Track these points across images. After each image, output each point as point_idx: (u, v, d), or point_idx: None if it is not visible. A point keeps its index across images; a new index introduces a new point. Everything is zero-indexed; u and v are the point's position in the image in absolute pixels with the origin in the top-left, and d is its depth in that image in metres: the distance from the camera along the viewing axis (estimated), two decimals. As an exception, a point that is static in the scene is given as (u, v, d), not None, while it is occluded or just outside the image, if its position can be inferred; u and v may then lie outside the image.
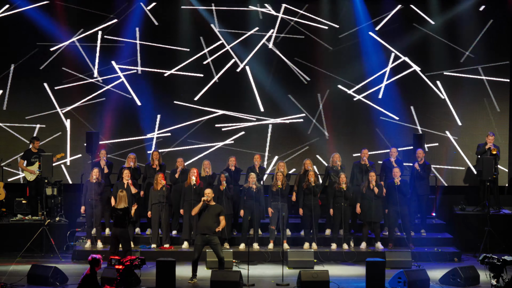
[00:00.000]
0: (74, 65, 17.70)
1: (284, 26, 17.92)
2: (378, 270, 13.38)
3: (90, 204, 15.47)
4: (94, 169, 15.70)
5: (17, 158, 17.24)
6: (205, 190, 13.99)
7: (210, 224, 13.70)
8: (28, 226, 16.00)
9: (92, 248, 15.53)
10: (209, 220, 13.71)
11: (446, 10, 17.95)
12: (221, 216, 13.83)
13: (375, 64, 18.03)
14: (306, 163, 16.21)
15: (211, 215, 13.73)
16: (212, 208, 13.80)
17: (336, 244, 15.84)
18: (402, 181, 15.77)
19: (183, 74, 17.85)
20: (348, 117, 18.11)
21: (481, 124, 18.03)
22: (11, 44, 17.60)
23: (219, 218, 13.78)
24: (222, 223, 13.82)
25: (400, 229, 15.98)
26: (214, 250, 13.79)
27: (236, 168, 16.21)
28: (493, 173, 16.22)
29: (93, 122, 17.69)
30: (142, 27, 17.77)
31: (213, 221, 13.71)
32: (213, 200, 13.92)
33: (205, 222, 13.71)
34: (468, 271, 13.74)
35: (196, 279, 13.71)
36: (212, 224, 13.70)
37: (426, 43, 18.03)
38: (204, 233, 13.68)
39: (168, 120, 17.86)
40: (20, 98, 17.71)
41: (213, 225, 13.71)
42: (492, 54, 18.00)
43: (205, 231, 13.69)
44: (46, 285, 13.34)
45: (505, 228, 16.38)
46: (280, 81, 17.97)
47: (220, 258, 13.74)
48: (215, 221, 13.74)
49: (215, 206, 13.90)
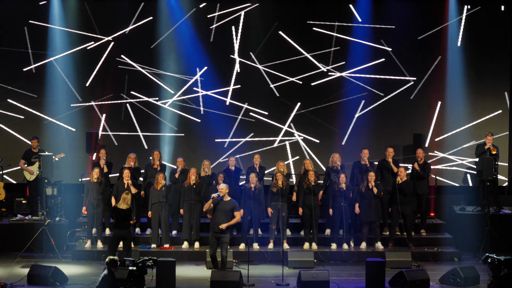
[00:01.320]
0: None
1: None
2: (378, 270, 13.39)
3: (92, 204, 15.47)
4: (94, 169, 15.71)
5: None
6: (220, 186, 13.93)
7: (221, 220, 13.66)
8: (28, 226, 15.99)
9: (92, 248, 15.53)
10: (220, 216, 13.65)
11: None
12: (236, 211, 13.75)
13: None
14: (306, 163, 16.21)
15: (224, 211, 13.66)
16: (225, 204, 13.72)
17: (336, 244, 15.84)
18: (405, 181, 15.77)
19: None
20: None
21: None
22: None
23: (233, 213, 13.72)
24: (235, 218, 13.72)
25: (401, 229, 15.99)
26: (220, 248, 13.76)
27: (236, 168, 16.21)
28: (493, 173, 16.22)
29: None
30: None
31: (225, 217, 13.63)
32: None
33: (217, 219, 13.67)
34: (468, 271, 13.73)
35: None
36: (224, 220, 13.64)
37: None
38: (215, 231, 13.67)
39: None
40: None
41: (224, 222, 13.66)
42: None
43: (215, 228, 13.68)
44: (46, 285, 13.33)
45: (505, 228, 16.37)
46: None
47: (222, 257, 13.73)
48: (229, 216, 13.67)
49: (229, 201, 13.79)
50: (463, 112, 18.08)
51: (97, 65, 17.80)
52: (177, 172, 15.98)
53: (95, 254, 15.34)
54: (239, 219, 13.88)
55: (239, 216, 13.82)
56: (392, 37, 18.02)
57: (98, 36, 17.78)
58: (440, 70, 18.08)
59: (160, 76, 17.92)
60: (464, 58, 17.99)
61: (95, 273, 14.10)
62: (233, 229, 16.02)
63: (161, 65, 17.88)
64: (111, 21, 17.83)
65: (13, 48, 17.64)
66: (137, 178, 16.29)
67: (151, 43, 17.83)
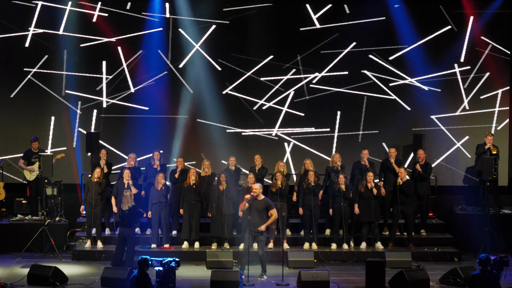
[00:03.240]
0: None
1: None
2: (378, 270, 13.39)
3: (91, 204, 15.47)
4: (95, 169, 15.72)
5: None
6: (254, 185, 14.00)
7: (256, 220, 13.72)
8: (28, 226, 16.00)
9: (92, 248, 15.53)
10: (255, 215, 13.75)
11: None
12: (271, 210, 13.82)
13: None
14: (306, 163, 16.21)
15: (258, 211, 13.76)
16: (259, 203, 13.81)
17: (336, 244, 15.84)
18: (406, 182, 15.77)
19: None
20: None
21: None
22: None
23: (268, 212, 13.79)
24: (272, 217, 13.80)
25: (401, 229, 15.99)
26: (258, 246, 13.87)
27: (236, 168, 16.21)
28: (493, 173, 16.22)
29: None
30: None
31: (259, 216, 13.73)
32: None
33: (253, 219, 13.76)
34: (468, 271, 13.72)
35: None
36: (258, 219, 13.71)
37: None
38: (252, 230, 13.79)
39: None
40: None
41: (260, 221, 13.71)
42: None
43: (252, 227, 13.79)
44: (46, 285, 13.34)
45: (505, 228, 16.37)
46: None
47: (259, 255, 13.84)
48: (264, 215, 13.76)
49: (262, 200, 13.89)
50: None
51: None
52: (177, 172, 15.99)
53: (95, 254, 15.34)
54: (276, 216, 13.97)
55: (275, 214, 13.92)
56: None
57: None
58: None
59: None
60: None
61: (95, 273, 14.10)
62: (233, 229, 16.04)
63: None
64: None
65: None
66: (137, 178, 16.26)
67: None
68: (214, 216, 15.68)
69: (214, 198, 15.64)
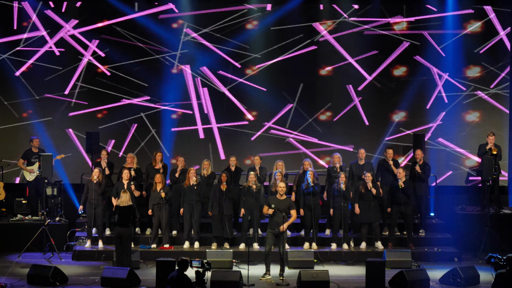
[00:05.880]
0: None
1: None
2: (378, 270, 13.40)
3: (91, 204, 15.47)
4: (95, 169, 15.71)
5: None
6: (279, 184, 14.13)
7: (280, 219, 13.80)
8: (28, 226, 16.00)
9: (92, 248, 15.52)
10: (278, 215, 13.82)
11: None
12: (292, 209, 13.95)
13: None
14: (305, 164, 16.19)
15: (281, 210, 13.85)
16: (282, 203, 13.91)
17: (336, 244, 15.84)
18: (406, 183, 15.74)
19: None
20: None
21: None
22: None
23: (289, 211, 13.91)
24: (292, 217, 13.94)
25: (400, 228, 15.97)
26: (280, 245, 13.90)
27: (236, 168, 16.20)
28: (493, 173, 16.21)
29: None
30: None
31: (282, 215, 13.81)
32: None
33: (275, 218, 13.84)
34: (468, 271, 13.73)
35: (269, 275, 13.86)
36: (281, 218, 13.79)
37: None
38: (274, 228, 13.88)
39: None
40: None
41: (283, 220, 13.79)
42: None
43: (273, 226, 13.88)
44: (46, 285, 13.35)
45: (505, 228, 16.37)
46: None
47: (280, 253, 13.87)
48: (285, 214, 13.84)
49: (285, 200, 14.02)
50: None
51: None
52: (177, 172, 15.98)
53: (95, 254, 15.33)
54: (295, 217, 14.12)
55: (295, 214, 14.05)
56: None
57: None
58: None
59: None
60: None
61: (95, 273, 14.11)
62: (233, 229, 16.02)
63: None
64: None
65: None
66: (138, 179, 16.20)
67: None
68: (215, 215, 15.67)
69: (215, 198, 15.62)
